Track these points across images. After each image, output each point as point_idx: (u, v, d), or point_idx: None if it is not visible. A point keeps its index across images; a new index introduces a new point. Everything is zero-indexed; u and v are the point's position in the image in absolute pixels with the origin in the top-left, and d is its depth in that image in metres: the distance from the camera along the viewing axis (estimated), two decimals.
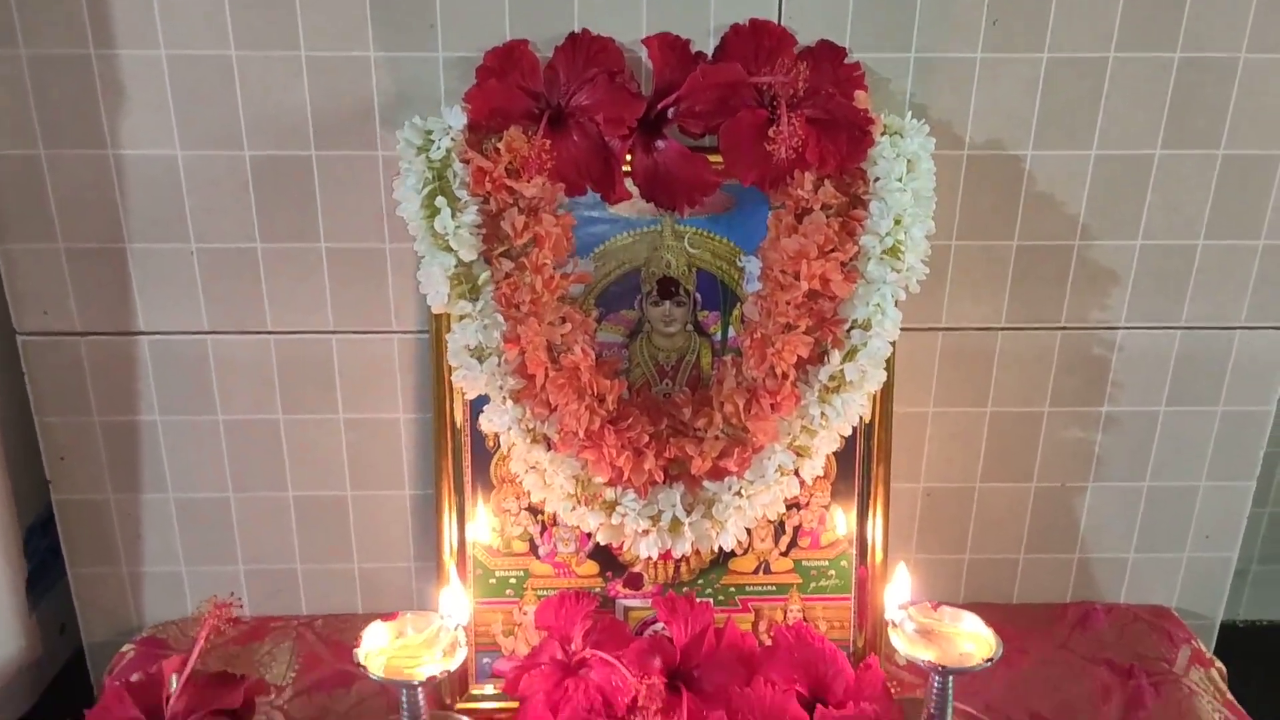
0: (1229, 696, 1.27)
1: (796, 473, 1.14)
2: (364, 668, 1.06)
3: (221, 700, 1.06)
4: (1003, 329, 1.27)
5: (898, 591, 1.15)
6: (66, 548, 1.32)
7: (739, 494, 1.13)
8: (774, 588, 1.25)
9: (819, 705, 1.10)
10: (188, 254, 1.20)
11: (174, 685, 1.06)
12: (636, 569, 1.24)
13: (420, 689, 1.08)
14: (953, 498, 1.36)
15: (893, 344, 1.11)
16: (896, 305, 1.10)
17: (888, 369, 1.14)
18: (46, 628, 1.37)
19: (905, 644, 1.12)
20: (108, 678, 1.25)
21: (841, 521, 1.24)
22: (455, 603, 1.12)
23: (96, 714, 1.06)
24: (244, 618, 1.36)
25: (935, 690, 1.11)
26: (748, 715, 1.08)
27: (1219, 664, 1.32)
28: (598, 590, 1.24)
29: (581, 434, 1.09)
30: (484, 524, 1.22)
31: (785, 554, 1.25)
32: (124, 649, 1.30)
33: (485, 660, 1.24)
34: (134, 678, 1.14)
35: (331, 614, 1.37)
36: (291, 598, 1.37)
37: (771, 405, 1.11)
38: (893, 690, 1.18)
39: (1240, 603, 1.72)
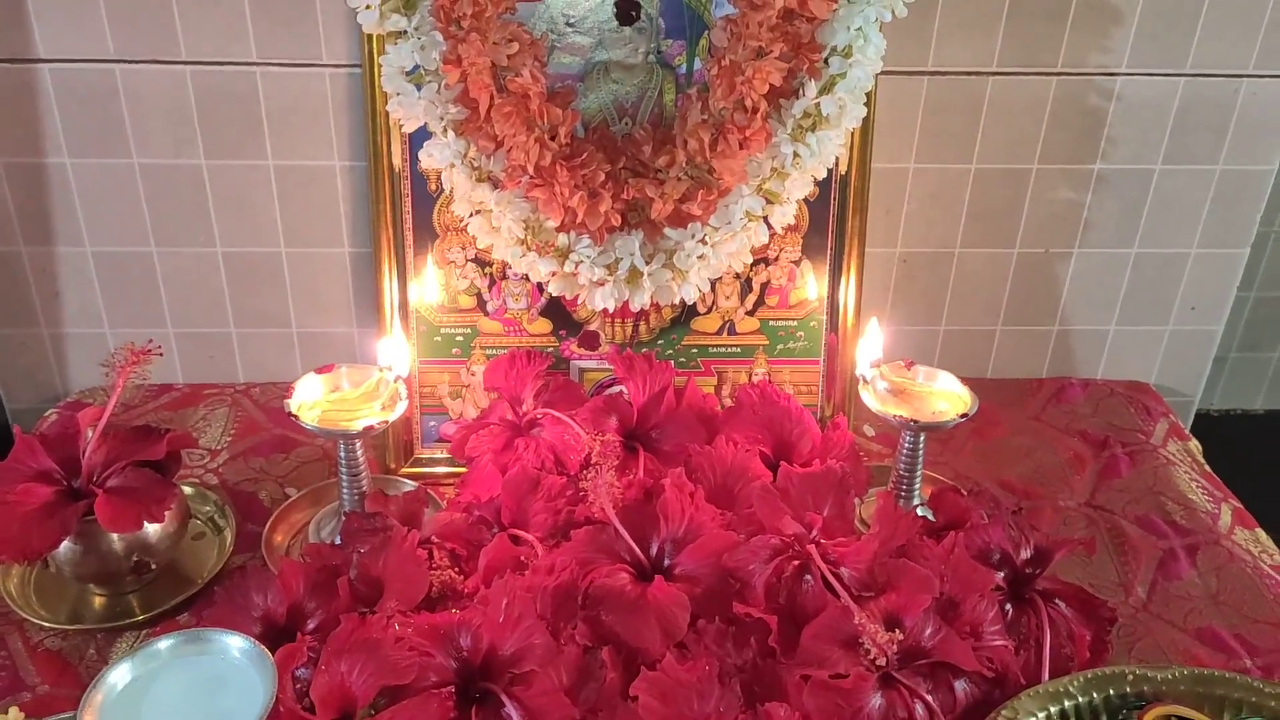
0: (1207, 468, 1.23)
1: (765, 220, 1.05)
2: (295, 417, 0.99)
3: (142, 452, 0.98)
4: (994, 74, 1.17)
5: (870, 347, 1.07)
6: None
7: (703, 241, 1.04)
8: (739, 349, 1.18)
9: (783, 465, 1.04)
10: None
11: (90, 436, 0.98)
12: (592, 327, 1.16)
13: (358, 442, 1.01)
14: (930, 264, 1.28)
15: (875, 76, 1.01)
16: (881, 31, 0.99)
17: (868, 106, 1.04)
18: None
19: (876, 402, 1.05)
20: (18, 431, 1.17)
21: (812, 280, 1.16)
22: (394, 353, 1.04)
23: (7, 466, 0.98)
24: (176, 384, 1.28)
25: (906, 449, 1.06)
26: (707, 474, 1.02)
27: (1195, 441, 1.28)
28: (550, 350, 1.16)
29: (530, 170, 0.99)
30: (428, 277, 1.13)
31: (751, 313, 1.17)
32: (47, 414, 1.23)
33: (431, 424, 1.17)
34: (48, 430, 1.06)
35: (270, 381, 1.29)
36: (226, 364, 1.29)
37: (740, 142, 1.01)
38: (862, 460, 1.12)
39: (1216, 390, 1.67)
